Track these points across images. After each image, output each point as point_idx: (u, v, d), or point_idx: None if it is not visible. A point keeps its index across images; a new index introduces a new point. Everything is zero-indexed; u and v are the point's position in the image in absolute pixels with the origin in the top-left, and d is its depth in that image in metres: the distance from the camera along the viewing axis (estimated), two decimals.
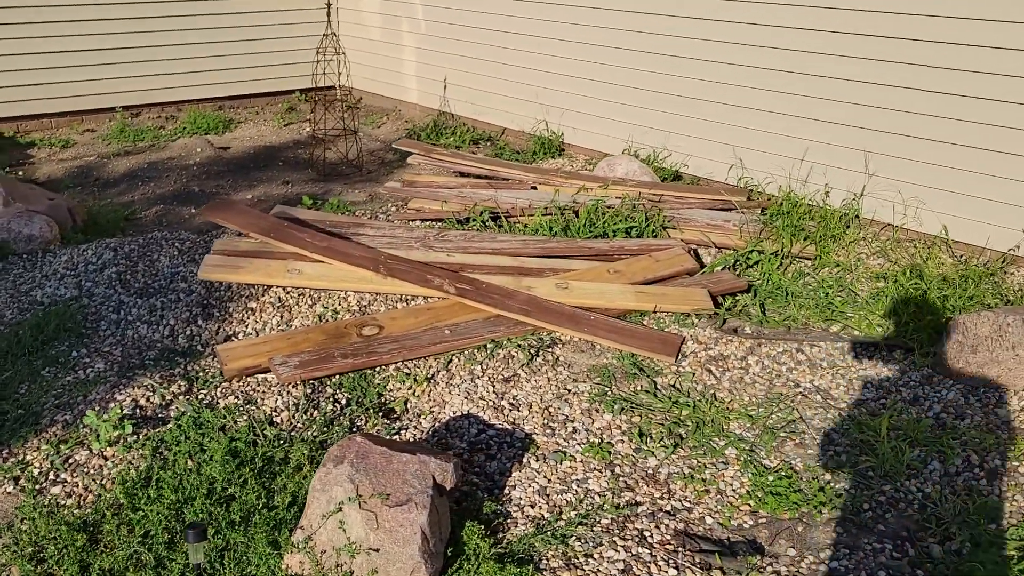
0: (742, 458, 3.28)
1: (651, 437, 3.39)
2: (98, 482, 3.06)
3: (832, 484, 3.17)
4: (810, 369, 3.91)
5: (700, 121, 6.22)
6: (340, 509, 2.51)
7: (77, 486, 3.06)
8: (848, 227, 5.24)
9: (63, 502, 2.97)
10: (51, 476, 3.10)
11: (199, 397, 3.54)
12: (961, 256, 4.99)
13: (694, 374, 3.83)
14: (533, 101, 7.46)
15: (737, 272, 4.82)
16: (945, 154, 4.99)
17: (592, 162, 6.82)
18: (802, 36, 5.48)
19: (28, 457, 3.19)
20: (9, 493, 3.02)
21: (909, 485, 3.18)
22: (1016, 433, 3.45)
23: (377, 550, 2.48)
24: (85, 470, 3.12)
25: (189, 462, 3.08)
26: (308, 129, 8.00)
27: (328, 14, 6.37)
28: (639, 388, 3.72)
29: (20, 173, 6.63)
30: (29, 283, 4.42)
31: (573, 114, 7.16)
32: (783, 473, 3.20)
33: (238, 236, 4.79)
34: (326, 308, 4.23)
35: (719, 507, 3.05)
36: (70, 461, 3.17)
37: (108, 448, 3.22)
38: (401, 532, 2.48)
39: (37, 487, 3.04)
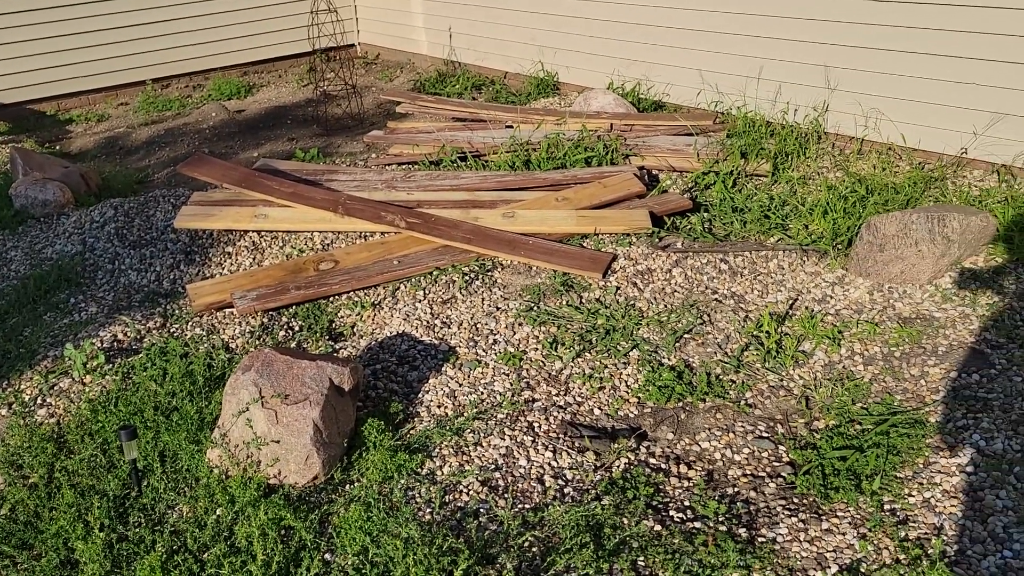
0: (643, 358, 3.56)
1: (562, 344, 3.70)
2: (76, 404, 3.56)
3: (721, 377, 3.44)
4: (730, 277, 4.13)
5: (675, 49, 6.35)
6: (247, 409, 2.93)
7: (59, 408, 3.56)
8: (808, 143, 5.36)
9: (45, 421, 3.48)
10: (39, 401, 3.61)
11: (170, 330, 4.02)
12: (920, 163, 5.07)
13: (619, 288, 4.10)
14: (530, 43, 7.68)
15: (694, 193, 5.02)
16: (900, 63, 5.04)
17: None
18: None
19: (22, 386, 3.71)
20: (3, 416, 3.56)
21: (793, 374, 3.42)
22: (906, 323, 3.63)
23: (278, 442, 2.89)
24: (67, 395, 3.63)
25: (152, 384, 3.55)
26: (317, 88, 8.40)
27: None
28: (564, 303, 4.02)
29: (58, 148, 7.25)
30: (42, 242, 4.98)
31: (566, 53, 7.36)
32: (678, 370, 3.48)
33: (216, 188, 5.24)
34: (294, 248, 4.65)
35: (610, 400, 3.35)
36: (55, 388, 3.67)
37: (87, 376, 3.72)
38: (296, 425, 2.88)
39: (26, 410, 3.56)
